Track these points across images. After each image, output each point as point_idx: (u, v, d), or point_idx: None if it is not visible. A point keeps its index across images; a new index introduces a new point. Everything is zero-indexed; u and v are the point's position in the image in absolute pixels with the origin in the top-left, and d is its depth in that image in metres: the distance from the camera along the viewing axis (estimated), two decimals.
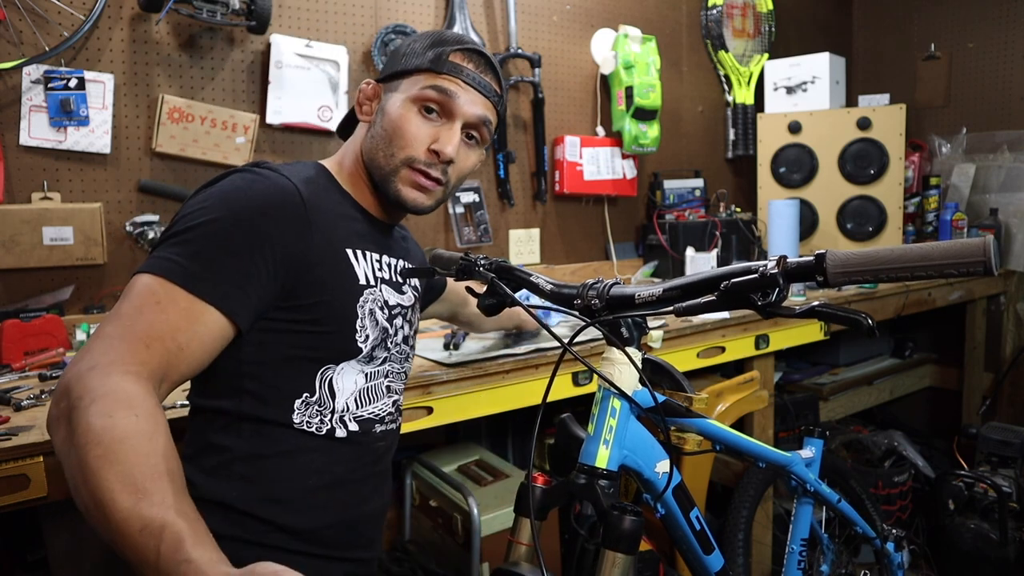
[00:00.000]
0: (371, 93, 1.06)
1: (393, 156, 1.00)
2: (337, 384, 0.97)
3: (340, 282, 0.96)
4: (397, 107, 1.01)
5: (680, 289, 0.84)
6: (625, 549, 0.85)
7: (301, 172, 0.99)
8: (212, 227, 0.86)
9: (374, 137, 1.03)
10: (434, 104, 1.00)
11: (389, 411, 1.06)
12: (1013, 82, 3.11)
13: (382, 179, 1.02)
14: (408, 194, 1.02)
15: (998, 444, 2.49)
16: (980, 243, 0.63)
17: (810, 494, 1.56)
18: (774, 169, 2.85)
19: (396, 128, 1.00)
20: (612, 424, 0.93)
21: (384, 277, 1.05)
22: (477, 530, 1.62)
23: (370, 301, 1.00)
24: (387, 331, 1.03)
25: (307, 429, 0.95)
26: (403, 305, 1.09)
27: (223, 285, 0.85)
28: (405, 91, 1.01)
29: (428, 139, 1.00)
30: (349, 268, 0.98)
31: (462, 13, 2.23)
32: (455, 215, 2.30)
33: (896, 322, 2.73)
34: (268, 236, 0.88)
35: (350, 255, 0.98)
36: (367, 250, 1.02)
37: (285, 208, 0.91)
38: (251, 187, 0.91)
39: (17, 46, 1.61)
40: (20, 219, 1.59)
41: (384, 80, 1.05)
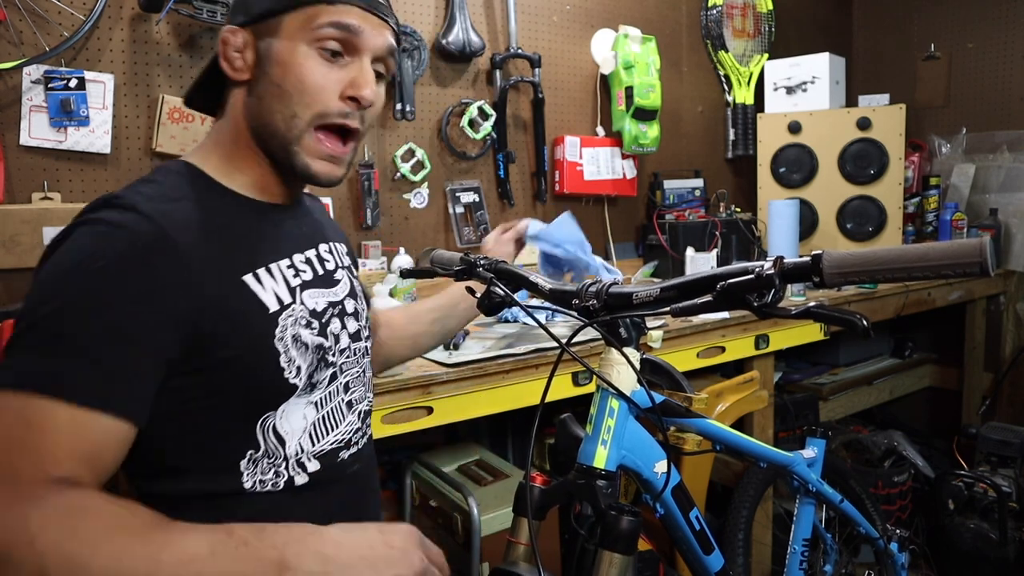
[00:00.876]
0: (241, 43, 0.84)
1: (296, 117, 0.82)
2: (283, 428, 0.83)
3: (245, 325, 0.79)
4: (290, 55, 0.82)
5: (677, 289, 0.84)
6: (622, 549, 0.85)
7: (164, 193, 0.80)
8: (68, 313, 0.70)
9: (263, 98, 0.83)
10: (336, 44, 0.82)
11: (356, 428, 0.93)
12: (1013, 82, 3.11)
13: (282, 149, 0.84)
14: (319, 168, 0.85)
15: (998, 444, 2.49)
16: (977, 244, 0.63)
17: (812, 494, 1.56)
18: (774, 169, 2.85)
19: (296, 81, 0.81)
20: (610, 424, 0.93)
21: (304, 281, 0.88)
22: (477, 530, 1.62)
23: (290, 326, 0.83)
24: (323, 346, 0.87)
25: (262, 490, 0.81)
26: (336, 300, 0.93)
27: (100, 382, 0.69)
28: (294, 34, 0.82)
29: (338, 85, 0.83)
30: (252, 301, 0.80)
31: (462, 13, 2.23)
32: (455, 215, 2.31)
33: (896, 322, 2.73)
34: (138, 305, 0.71)
35: (250, 283, 0.81)
36: (273, 261, 0.85)
37: (152, 265, 0.73)
38: (102, 249, 0.72)
39: (17, 46, 1.61)
40: (20, 219, 1.59)
41: (253, 23, 0.84)
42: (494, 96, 2.36)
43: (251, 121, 0.86)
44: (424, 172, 2.22)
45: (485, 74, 2.36)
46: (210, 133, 0.91)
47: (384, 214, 2.17)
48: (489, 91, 2.37)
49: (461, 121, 2.28)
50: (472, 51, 2.24)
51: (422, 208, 2.26)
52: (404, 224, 2.23)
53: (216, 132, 0.90)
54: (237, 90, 0.87)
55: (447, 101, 2.28)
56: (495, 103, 2.35)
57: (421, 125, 2.24)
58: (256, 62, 0.84)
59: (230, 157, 0.88)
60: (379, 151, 2.16)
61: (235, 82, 0.86)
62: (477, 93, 2.35)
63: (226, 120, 0.88)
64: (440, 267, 1.14)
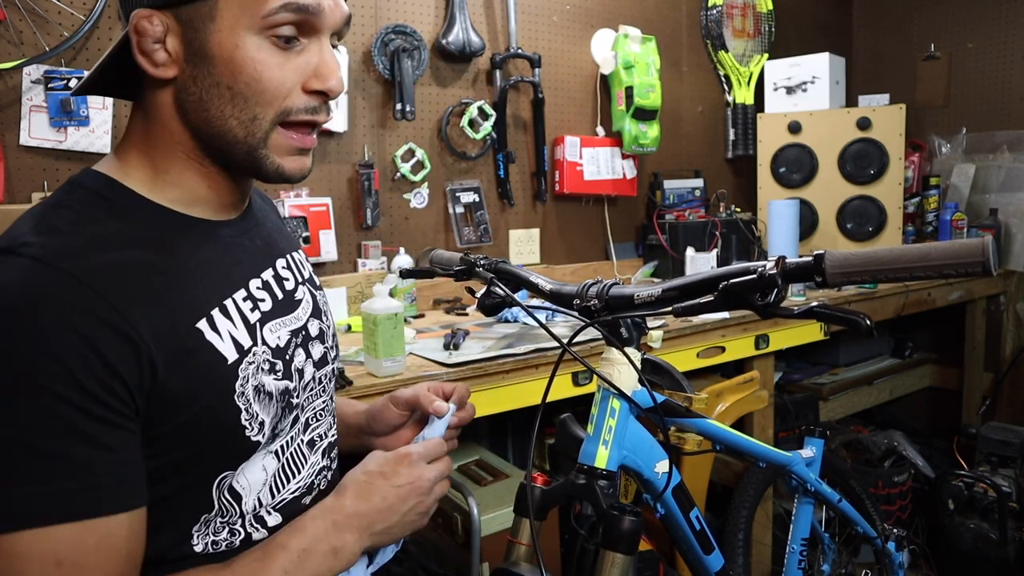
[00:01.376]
0: (161, 32, 0.66)
1: (257, 119, 0.69)
2: (240, 485, 0.73)
3: (204, 384, 0.67)
4: (236, 48, 0.66)
5: (679, 289, 0.84)
6: (624, 549, 0.85)
7: (62, 227, 0.64)
8: (19, 418, 0.57)
9: (206, 104, 0.68)
10: (291, 28, 0.68)
11: (319, 468, 0.83)
12: (1013, 82, 3.11)
13: (247, 155, 0.70)
14: (290, 165, 0.73)
15: (998, 444, 2.49)
16: (979, 244, 0.63)
17: (811, 494, 1.56)
18: (774, 169, 2.85)
19: (251, 80, 0.67)
20: (611, 424, 0.93)
21: (264, 312, 0.75)
22: (477, 530, 1.62)
23: (251, 376, 0.71)
24: (287, 390, 0.76)
25: (215, 551, 0.72)
26: (298, 327, 0.80)
27: (107, 479, 0.60)
28: (237, 19, 0.66)
29: (298, 76, 0.70)
30: (209, 352, 0.68)
31: (462, 13, 2.23)
32: (455, 215, 2.31)
33: (896, 322, 2.73)
34: (93, 377, 0.59)
35: (205, 331, 0.68)
36: (228, 295, 0.72)
37: (86, 326, 0.59)
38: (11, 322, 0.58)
39: (17, 46, 1.61)
40: None
41: (176, 5, 0.66)
42: (494, 96, 2.36)
43: (194, 129, 0.70)
44: (424, 172, 2.22)
45: (485, 74, 2.36)
46: (128, 135, 0.73)
47: (384, 214, 2.17)
48: (489, 91, 2.37)
49: (461, 121, 2.28)
50: (472, 51, 2.24)
51: (422, 208, 2.26)
52: (404, 224, 2.23)
53: (138, 135, 0.72)
54: (161, 90, 0.70)
55: (447, 101, 2.28)
56: (495, 103, 2.35)
57: (421, 125, 2.24)
58: (186, 56, 0.67)
59: (160, 167, 0.71)
60: (379, 151, 2.16)
61: (157, 80, 0.69)
62: (477, 93, 2.35)
63: (150, 122, 0.71)
64: (439, 267, 1.14)
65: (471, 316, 2.11)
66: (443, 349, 1.61)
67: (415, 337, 1.77)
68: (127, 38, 0.68)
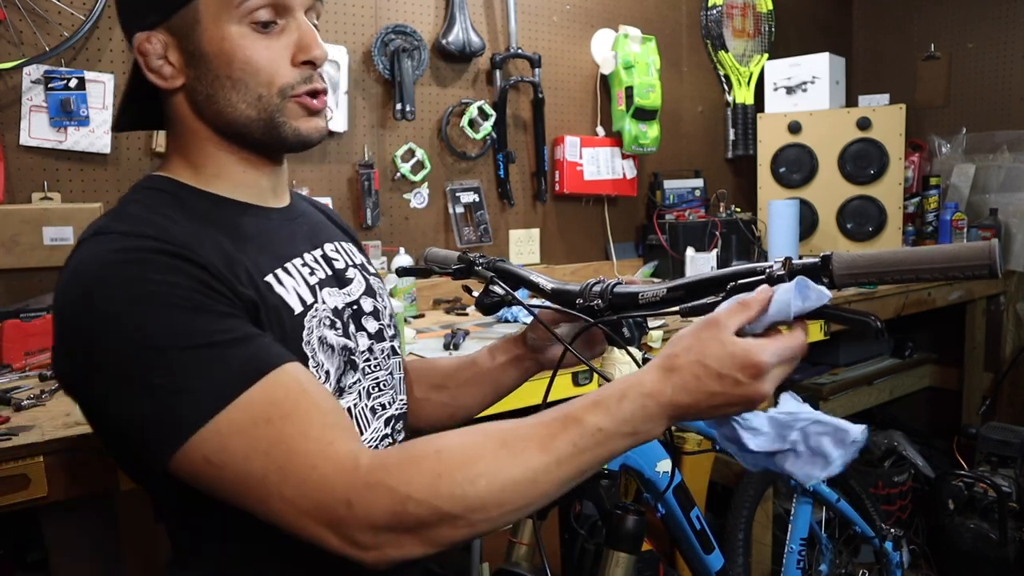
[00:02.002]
0: (161, 48, 0.75)
1: (262, 97, 0.76)
2: None
3: (276, 328, 0.74)
4: (223, 40, 0.74)
5: (684, 289, 0.84)
6: (628, 549, 0.85)
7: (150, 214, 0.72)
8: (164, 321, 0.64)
9: (214, 97, 0.76)
10: (266, 12, 0.74)
11: (382, 435, 0.87)
12: (1013, 82, 3.11)
13: (267, 130, 0.77)
14: (307, 126, 0.79)
15: (998, 444, 2.49)
16: (986, 247, 0.63)
17: (809, 493, 1.56)
18: (774, 169, 2.85)
19: (244, 64, 0.74)
20: None
21: (321, 279, 0.83)
22: None
23: (315, 327, 0.78)
24: (348, 348, 0.82)
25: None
26: (351, 300, 0.87)
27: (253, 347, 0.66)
28: (217, 16, 0.73)
29: (286, 54, 0.76)
30: (278, 302, 0.75)
31: (462, 13, 2.23)
32: (455, 215, 2.31)
33: (896, 322, 2.73)
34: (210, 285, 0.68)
35: (273, 284, 0.76)
36: (285, 259, 0.80)
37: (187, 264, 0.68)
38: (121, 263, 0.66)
39: (17, 46, 1.61)
40: (20, 219, 1.59)
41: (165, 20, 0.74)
42: (494, 96, 2.36)
43: (212, 122, 0.78)
44: (424, 172, 2.22)
45: (485, 74, 2.36)
46: (168, 151, 0.83)
47: (384, 214, 2.17)
48: (489, 91, 2.37)
49: (461, 121, 2.28)
50: (472, 51, 2.24)
51: (422, 208, 2.26)
52: (404, 224, 2.23)
53: (172, 145, 0.82)
54: (175, 98, 0.78)
55: (447, 101, 2.28)
56: (495, 103, 2.35)
57: (421, 125, 2.24)
58: (186, 62, 0.76)
59: (198, 164, 0.80)
60: (379, 151, 2.16)
61: (170, 91, 0.78)
62: (477, 93, 2.35)
63: (177, 129, 0.80)
64: (436, 266, 1.13)
65: (471, 316, 2.11)
66: (443, 349, 1.61)
67: (415, 337, 1.77)
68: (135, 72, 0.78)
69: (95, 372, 0.65)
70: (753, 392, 0.65)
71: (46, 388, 1.32)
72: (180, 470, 0.64)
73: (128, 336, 0.63)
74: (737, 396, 0.65)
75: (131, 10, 0.77)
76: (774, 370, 0.66)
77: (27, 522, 1.45)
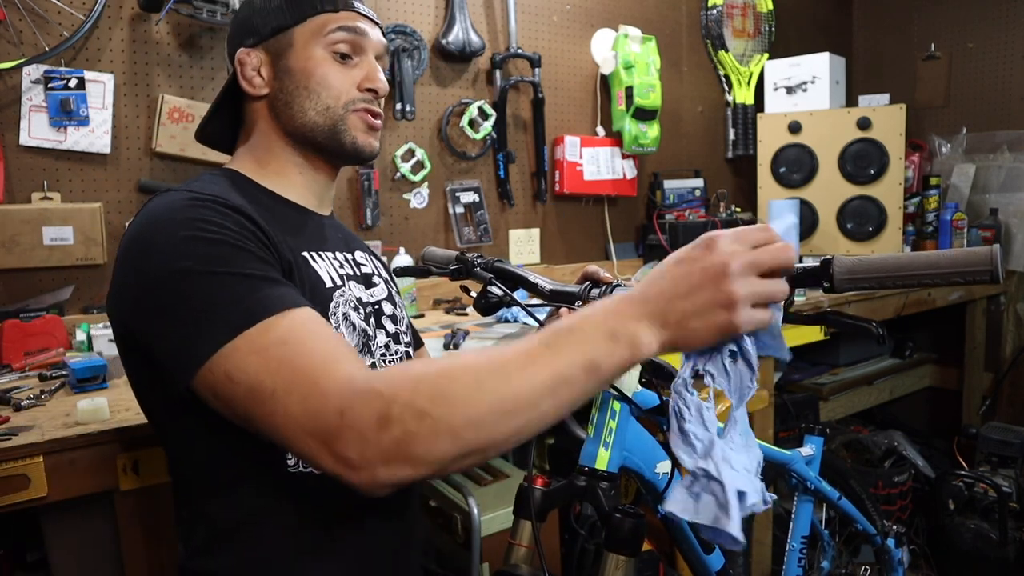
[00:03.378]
0: (257, 62, 0.93)
1: (330, 108, 0.92)
2: None
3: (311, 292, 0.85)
4: (308, 60, 0.92)
5: None
6: (628, 551, 0.85)
7: (216, 187, 0.85)
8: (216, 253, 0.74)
9: (291, 104, 0.92)
10: (346, 47, 0.93)
11: None
12: (1013, 82, 3.11)
13: (329, 134, 0.93)
14: (364, 140, 0.96)
15: (998, 444, 2.49)
16: (987, 253, 0.63)
17: (810, 492, 1.56)
18: (774, 169, 2.85)
19: (320, 79, 0.92)
20: (612, 426, 0.93)
21: (349, 273, 0.96)
22: (477, 530, 1.62)
23: (342, 304, 0.90)
24: (367, 334, 0.93)
25: (304, 470, 0.84)
26: (374, 300, 0.98)
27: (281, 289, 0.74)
28: (307, 42, 0.92)
29: (354, 81, 0.94)
30: (312, 273, 0.88)
31: (462, 13, 2.23)
32: (455, 215, 2.30)
33: (896, 322, 2.73)
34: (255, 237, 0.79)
35: (309, 259, 0.89)
36: (321, 250, 0.94)
37: (240, 216, 0.79)
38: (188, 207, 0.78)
39: (17, 46, 1.61)
40: (20, 219, 1.59)
41: (264, 41, 0.93)
42: (494, 96, 2.36)
43: (285, 126, 0.94)
44: (424, 172, 2.22)
45: (485, 74, 2.36)
46: (238, 150, 0.98)
47: (384, 214, 2.17)
48: (489, 91, 2.37)
49: (461, 121, 2.28)
50: (472, 51, 2.24)
51: (422, 208, 2.26)
52: (404, 224, 2.23)
53: (245, 146, 0.97)
54: (258, 105, 0.95)
55: (447, 101, 2.28)
56: (495, 103, 2.35)
57: (421, 125, 2.24)
58: (275, 75, 0.93)
59: (266, 164, 0.95)
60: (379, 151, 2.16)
61: (255, 98, 0.94)
62: (477, 93, 2.35)
63: (252, 131, 0.96)
64: (434, 265, 1.13)
65: (471, 316, 2.11)
66: (443, 349, 1.61)
67: None
68: (233, 77, 0.94)
69: (144, 293, 0.74)
70: (713, 260, 0.63)
71: (46, 388, 1.32)
72: (202, 385, 0.70)
73: (179, 258, 0.72)
74: (697, 270, 0.64)
75: (241, 33, 0.95)
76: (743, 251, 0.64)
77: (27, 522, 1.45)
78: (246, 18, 0.95)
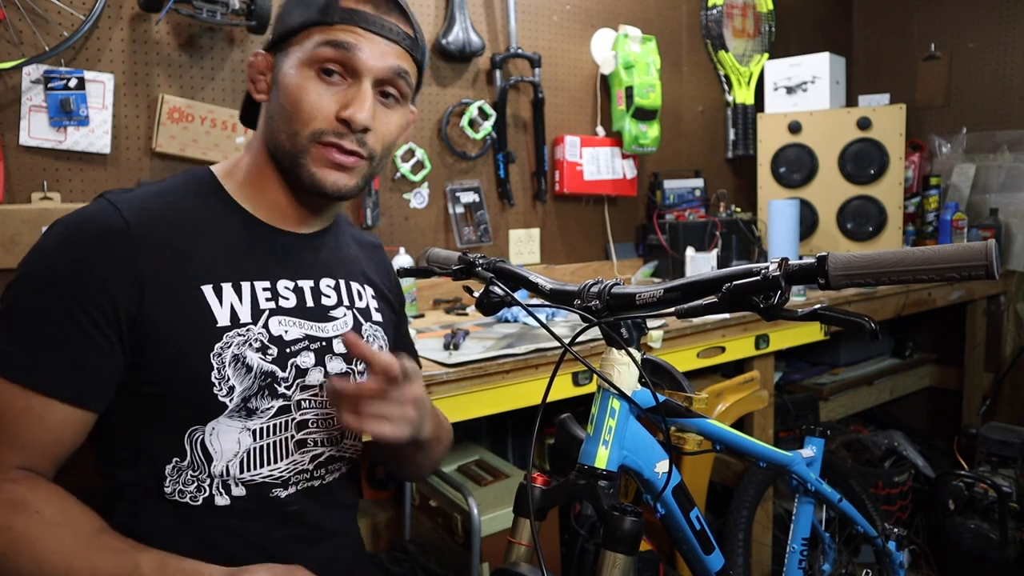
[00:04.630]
0: (263, 65, 0.88)
1: (297, 135, 0.83)
2: (212, 446, 0.81)
3: (186, 333, 0.79)
4: (291, 75, 0.84)
5: (681, 290, 0.84)
6: (625, 550, 0.85)
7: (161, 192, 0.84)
8: (22, 296, 0.75)
9: (272, 117, 0.86)
10: (333, 64, 0.83)
11: (302, 468, 0.88)
12: (1013, 82, 3.11)
13: (291, 164, 0.85)
14: (325, 176, 0.85)
15: (998, 444, 2.49)
16: (982, 247, 0.63)
17: (811, 493, 1.56)
18: (774, 169, 2.85)
19: (294, 100, 0.83)
20: (611, 425, 0.93)
21: (281, 307, 0.87)
22: (477, 530, 1.62)
23: (235, 345, 0.81)
24: (274, 375, 0.84)
25: (181, 500, 0.81)
26: (319, 336, 0.90)
27: (56, 368, 0.73)
28: (296, 54, 0.84)
29: (334, 106, 0.83)
30: (202, 312, 0.80)
31: (462, 13, 2.23)
32: (455, 215, 2.30)
33: (896, 322, 2.73)
34: (83, 291, 0.75)
35: (207, 293, 0.81)
36: (248, 279, 0.85)
37: (100, 254, 0.76)
38: (59, 233, 0.78)
39: (17, 46, 1.61)
40: (20, 219, 1.59)
41: (273, 47, 0.88)
42: (494, 96, 2.36)
43: (266, 140, 0.89)
44: (424, 172, 2.22)
45: (485, 74, 2.36)
46: (246, 147, 0.94)
47: (384, 214, 2.17)
48: (489, 91, 2.37)
49: (461, 121, 2.28)
50: (472, 51, 2.24)
51: (422, 208, 2.26)
52: (404, 224, 2.23)
53: (247, 147, 0.94)
54: (260, 109, 0.92)
55: (447, 101, 2.28)
56: (495, 103, 2.35)
57: (421, 125, 2.24)
58: (271, 84, 0.88)
59: (251, 177, 0.91)
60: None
61: (259, 102, 0.91)
62: (477, 93, 2.35)
63: (255, 138, 0.92)
64: (437, 266, 1.14)
65: (471, 316, 2.11)
66: (443, 349, 1.61)
67: (415, 337, 1.77)
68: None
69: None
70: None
71: None
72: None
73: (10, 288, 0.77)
74: None
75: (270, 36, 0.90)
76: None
77: None
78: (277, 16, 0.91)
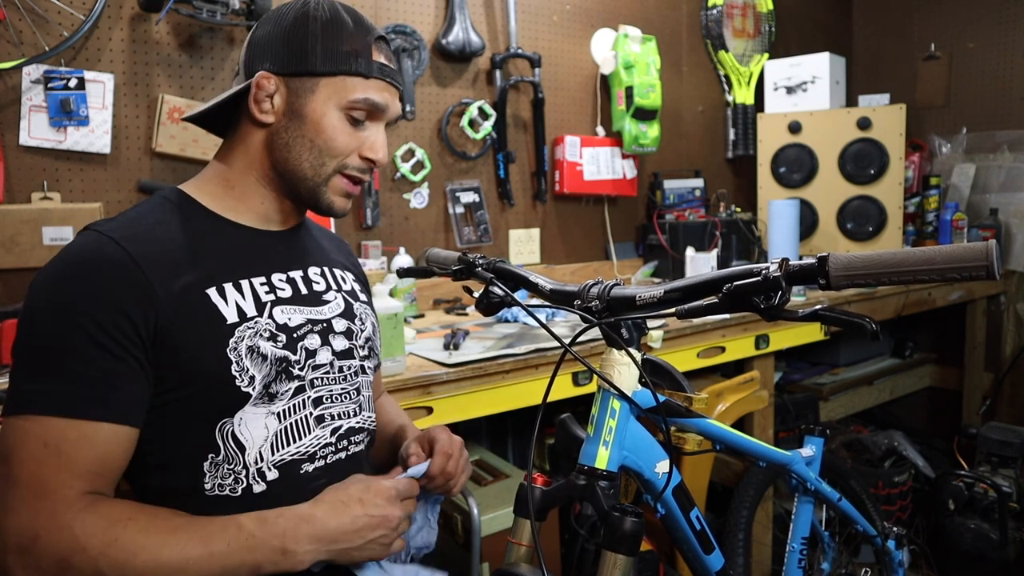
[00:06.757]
0: (273, 89, 0.92)
1: (324, 166, 0.93)
2: (243, 435, 0.86)
3: (201, 335, 0.84)
4: (323, 116, 0.91)
5: (681, 291, 0.84)
6: (626, 550, 0.85)
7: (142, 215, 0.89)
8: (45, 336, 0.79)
9: (290, 147, 0.92)
10: (363, 114, 0.94)
11: (326, 442, 0.94)
12: (1013, 82, 3.11)
13: (310, 191, 0.94)
14: (339, 203, 0.97)
15: (998, 444, 2.49)
16: (983, 248, 0.63)
17: (811, 493, 1.56)
18: (774, 169, 2.85)
19: (328, 139, 0.92)
20: (612, 425, 0.93)
21: (280, 298, 0.94)
22: (477, 530, 1.62)
23: (247, 337, 0.87)
24: (287, 359, 0.90)
25: (221, 494, 0.85)
26: (320, 319, 0.97)
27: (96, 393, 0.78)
28: (329, 97, 0.91)
29: (358, 145, 0.95)
30: (211, 313, 0.86)
31: (462, 13, 2.23)
32: (455, 215, 2.30)
33: (896, 322, 2.73)
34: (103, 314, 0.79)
35: (212, 296, 0.87)
36: (245, 277, 0.91)
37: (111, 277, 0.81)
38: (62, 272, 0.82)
39: (17, 46, 1.61)
40: (20, 219, 1.59)
41: (288, 75, 0.91)
42: (494, 96, 2.36)
43: (275, 162, 0.94)
44: (424, 172, 2.22)
45: (485, 74, 2.36)
46: (214, 163, 0.98)
47: (384, 214, 2.17)
48: (489, 91, 2.37)
49: (461, 121, 2.28)
50: (472, 51, 2.24)
51: (422, 208, 2.26)
52: (404, 224, 2.23)
53: (223, 161, 0.96)
54: (256, 130, 0.94)
55: (447, 101, 2.28)
56: (495, 103, 2.35)
57: (421, 125, 2.24)
58: (285, 111, 0.92)
59: (233, 187, 0.95)
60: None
61: (257, 123, 0.93)
62: (477, 93, 2.35)
63: (237, 151, 0.95)
64: (437, 266, 1.14)
65: (471, 316, 2.11)
66: (443, 349, 1.61)
67: (415, 337, 1.77)
68: (247, 88, 0.91)
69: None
70: (389, 512, 0.87)
71: None
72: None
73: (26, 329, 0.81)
74: (378, 517, 0.86)
75: (266, 52, 0.92)
76: (403, 503, 0.91)
77: None
78: (276, 39, 0.92)
